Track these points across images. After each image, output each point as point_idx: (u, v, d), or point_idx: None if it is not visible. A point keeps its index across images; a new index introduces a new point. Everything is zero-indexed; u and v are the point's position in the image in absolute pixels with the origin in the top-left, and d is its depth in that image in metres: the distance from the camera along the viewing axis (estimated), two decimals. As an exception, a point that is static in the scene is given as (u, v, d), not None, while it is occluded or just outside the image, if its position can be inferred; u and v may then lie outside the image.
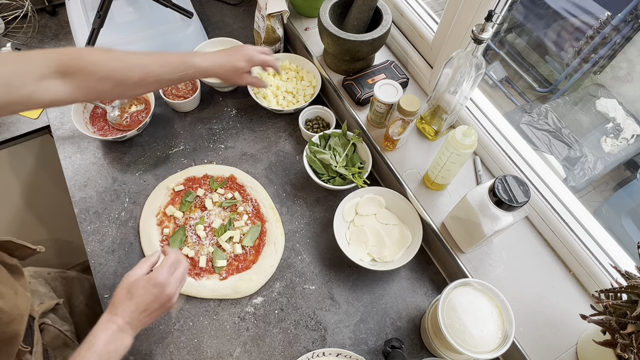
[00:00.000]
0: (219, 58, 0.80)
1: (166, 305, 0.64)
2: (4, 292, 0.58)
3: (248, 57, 0.83)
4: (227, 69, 0.81)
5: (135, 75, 0.68)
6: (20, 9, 1.15)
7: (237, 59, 0.82)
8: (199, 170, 0.99)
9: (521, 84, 2.04)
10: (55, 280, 0.92)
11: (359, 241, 0.88)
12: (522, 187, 0.65)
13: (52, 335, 0.78)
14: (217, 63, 0.79)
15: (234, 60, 0.81)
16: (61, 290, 0.91)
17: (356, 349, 0.81)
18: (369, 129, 0.95)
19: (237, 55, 0.82)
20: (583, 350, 0.70)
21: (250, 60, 0.83)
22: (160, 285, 0.62)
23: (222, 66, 0.80)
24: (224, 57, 0.81)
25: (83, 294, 0.95)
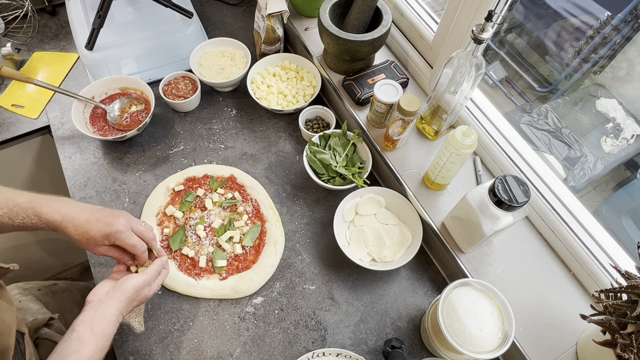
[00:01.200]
0: (78, 216, 0.65)
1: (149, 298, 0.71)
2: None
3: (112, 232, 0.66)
4: (80, 233, 0.66)
5: None
6: (20, 9, 1.15)
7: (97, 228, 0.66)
8: (199, 170, 0.99)
9: (521, 84, 2.04)
10: (46, 295, 0.91)
11: (359, 241, 0.88)
12: (522, 187, 0.65)
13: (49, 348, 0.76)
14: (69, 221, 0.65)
15: (91, 228, 0.66)
16: (53, 305, 0.90)
17: (356, 349, 0.81)
18: (369, 129, 0.95)
19: (102, 224, 0.66)
20: (583, 350, 0.70)
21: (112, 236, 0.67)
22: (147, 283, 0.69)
23: (75, 227, 0.65)
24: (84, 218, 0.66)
25: (76, 306, 0.94)
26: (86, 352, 0.58)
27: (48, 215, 0.64)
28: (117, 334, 0.79)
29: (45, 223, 0.65)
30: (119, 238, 0.67)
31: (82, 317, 0.62)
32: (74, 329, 0.60)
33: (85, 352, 0.58)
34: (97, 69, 1.07)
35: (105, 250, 0.69)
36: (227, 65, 1.11)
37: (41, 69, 1.12)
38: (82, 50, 1.03)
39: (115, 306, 0.64)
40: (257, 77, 1.08)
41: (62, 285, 0.97)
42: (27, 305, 0.83)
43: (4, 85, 1.10)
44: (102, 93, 1.04)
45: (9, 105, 1.06)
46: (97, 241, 0.67)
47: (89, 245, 0.68)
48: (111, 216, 0.68)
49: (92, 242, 0.67)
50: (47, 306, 0.87)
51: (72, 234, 0.66)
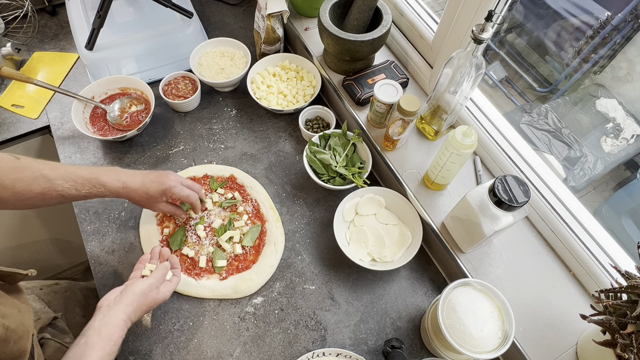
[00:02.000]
0: (134, 181, 0.75)
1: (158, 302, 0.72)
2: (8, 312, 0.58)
3: (167, 187, 0.77)
4: (140, 195, 0.75)
5: (36, 189, 0.66)
6: (20, 9, 1.15)
7: (154, 187, 0.76)
8: (199, 170, 0.99)
9: (521, 84, 2.04)
10: (48, 295, 0.91)
11: (359, 241, 0.88)
12: (522, 187, 0.65)
13: (54, 348, 0.77)
14: (129, 186, 0.74)
15: (149, 188, 0.76)
16: (56, 304, 0.90)
17: (356, 349, 0.81)
18: (369, 129, 0.95)
19: (156, 183, 0.76)
20: (583, 350, 0.70)
21: (167, 192, 0.78)
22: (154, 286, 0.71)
23: (135, 191, 0.75)
24: (139, 181, 0.75)
25: (78, 306, 0.95)
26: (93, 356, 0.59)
27: (111, 184, 0.72)
28: (117, 334, 0.80)
29: (110, 190, 0.73)
30: (174, 192, 0.78)
31: (91, 322, 0.63)
32: (83, 334, 0.61)
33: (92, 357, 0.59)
34: (97, 69, 1.07)
35: (164, 206, 0.80)
36: (227, 65, 1.11)
37: (41, 69, 1.12)
38: (82, 50, 1.03)
39: (122, 310, 0.65)
40: (257, 77, 1.08)
41: (64, 284, 0.98)
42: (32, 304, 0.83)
43: (4, 85, 1.10)
44: (102, 93, 1.05)
45: (9, 105, 1.06)
46: (157, 199, 0.77)
47: (150, 203, 0.78)
48: (161, 176, 0.78)
49: (152, 200, 0.77)
50: (50, 305, 0.87)
51: (133, 197, 0.76)
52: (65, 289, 0.96)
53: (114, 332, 0.62)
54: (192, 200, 0.82)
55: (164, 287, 0.72)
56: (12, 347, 0.57)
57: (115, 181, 0.73)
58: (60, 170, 0.68)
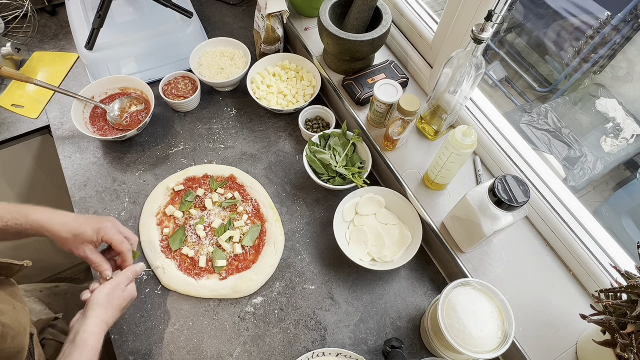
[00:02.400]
0: (65, 216, 0.68)
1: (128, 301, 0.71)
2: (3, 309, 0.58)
3: (103, 226, 0.70)
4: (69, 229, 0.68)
5: None
6: (20, 9, 1.15)
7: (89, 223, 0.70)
8: (199, 170, 0.99)
9: (521, 84, 2.04)
10: (49, 297, 0.91)
11: (359, 241, 0.88)
12: (522, 187, 0.65)
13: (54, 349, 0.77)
14: (58, 221, 0.67)
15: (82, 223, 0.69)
16: (57, 306, 0.90)
17: (356, 349, 0.81)
18: (369, 129, 0.95)
19: (92, 220, 0.71)
20: (583, 350, 0.70)
21: (102, 231, 0.70)
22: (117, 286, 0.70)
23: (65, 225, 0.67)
24: (72, 217, 0.69)
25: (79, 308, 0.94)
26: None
27: (35, 215, 0.66)
28: (117, 334, 0.80)
29: (31, 223, 0.66)
30: (108, 233, 0.70)
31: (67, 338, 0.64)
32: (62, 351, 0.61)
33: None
34: (97, 69, 1.07)
35: (90, 251, 0.70)
36: (227, 65, 1.11)
37: (41, 69, 1.12)
38: (82, 50, 1.03)
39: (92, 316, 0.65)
40: (257, 77, 1.08)
41: (64, 287, 0.97)
42: (31, 306, 0.83)
43: (4, 85, 1.10)
44: (102, 93, 1.05)
45: (9, 105, 1.06)
46: (86, 237, 0.69)
47: (75, 243, 0.69)
48: (100, 217, 0.73)
49: (80, 240, 0.69)
50: (50, 307, 0.87)
51: (59, 232, 0.67)
52: (65, 291, 0.96)
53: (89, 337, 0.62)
54: (122, 248, 0.73)
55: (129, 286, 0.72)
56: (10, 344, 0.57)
57: (41, 213, 0.67)
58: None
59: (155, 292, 0.85)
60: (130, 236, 0.76)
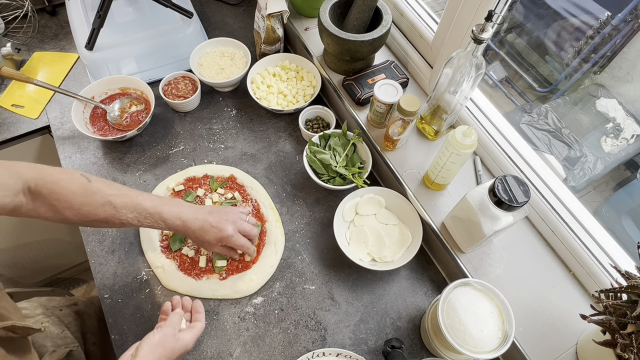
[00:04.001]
0: (194, 223, 0.74)
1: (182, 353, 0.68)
2: None
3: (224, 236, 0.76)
4: (197, 237, 0.75)
5: (101, 215, 0.67)
6: (20, 9, 1.15)
7: (212, 234, 0.75)
8: (199, 170, 0.99)
9: (521, 84, 2.04)
10: (68, 316, 0.89)
11: (359, 241, 0.88)
12: (522, 187, 0.65)
13: None
14: (189, 227, 0.74)
15: (207, 233, 0.75)
16: (75, 327, 0.88)
17: (356, 349, 0.81)
18: (369, 129, 0.95)
19: (215, 229, 0.75)
20: (583, 350, 0.70)
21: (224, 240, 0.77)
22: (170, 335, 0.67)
23: (194, 232, 0.74)
24: (199, 225, 0.74)
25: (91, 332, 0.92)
26: None
27: (172, 222, 0.73)
28: (117, 334, 0.80)
29: (170, 227, 0.73)
30: (229, 241, 0.77)
31: None
32: None
33: None
34: (97, 69, 1.07)
35: (219, 249, 0.79)
36: (227, 65, 1.11)
37: (41, 69, 1.12)
38: (82, 50, 1.03)
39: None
40: (257, 77, 1.08)
41: (82, 306, 0.95)
42: (50, 329, 0.81)
43: (4, 85, 1.10)
44: (102, 93, 1.05)
45: (9, 105, 1.06)
46: (212, 245, 0.77)
47: (205, 246, 0.78)
48: (221, 221, 0.76)
49: (207, 245, 0.77)
50: (69, 328, 0.85)
51: (191, 237, 0.76)
52: (82, 311, 0.94)
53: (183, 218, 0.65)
54: (244, 250, 0.82)
55: (183, 335, 0.68)
56: None
57: (176, 219, 0.73)
58: (127, 199, 0.69)
59: (155, 292, 0.85)
60: (249, 231, 0.80)
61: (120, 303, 0.83)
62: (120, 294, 0.84)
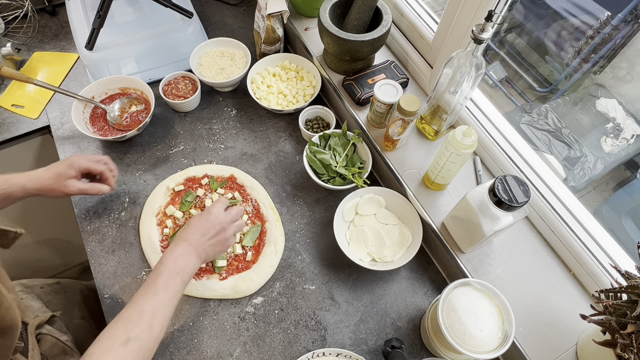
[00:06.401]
0: (38, 170, 0.75)
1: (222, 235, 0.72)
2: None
3: (73, 160, 0.77)
4: (47, 178, 0.75)
5: None
6: (20, 9, 1.15)
7: (60, 164, 0.77)
8: (199, 170, 0.99)
9: (521, 84, 2.04)
10: (48, 294, 0.91)
11: (359, 241, 0.88)
12: (522, 187, 0.65)
13: (50, 343, 0.77)
14: (33, 175, 0.74)
15: (56, 167, 0.76)
16: (55, 304, 0.90)
17: (356, 349, 0.81)
18: (369, 129, 0.95)
19: (61, 161, 0.78)
20: (583, 350, 0.70)
21: (74, 163, 0.77)
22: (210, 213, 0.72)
23: (41, 175, 0.74)
24: (42, 168, 0.76)
25: (77, 307, 0.94)
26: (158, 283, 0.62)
27: (22, 181, 0.72)
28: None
29: (22, 188, 0.72)
30: (79, 162, 0.77)
31: None
32: None
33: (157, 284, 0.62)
34: (97, 69, 1.07)
35: (76, 183, 0.77)
36: (227, 65, 1.11)
37: (41, 69, 1.12)
38: (82, 50, 1.03)
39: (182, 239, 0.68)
40: (257, 77, 1.08)
41: (65, 283, 0.97)
42: (28, 303, 0.83)
43: (4, 85, 1.10)
44: (102, 93, 1.05)
45: (9, 105, 1.06)
46: (64, 174, 0.75)
47: (61, 184, 0.75)
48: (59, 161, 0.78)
49: (62, 177, 0.75)
50: (48, 305, 0.87)
51: (43, 183, 0.74)
52: (65, 289, 0.96)
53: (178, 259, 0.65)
54: (99, 168, 0.80)
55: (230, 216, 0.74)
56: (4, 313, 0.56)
57: (18, 176, 0.73)
58: None
59: (155, 292, 0.85)
60: (98, 158, 0.81)
61: (121, 303, 0.83)
62: (120, 294, 0.84)
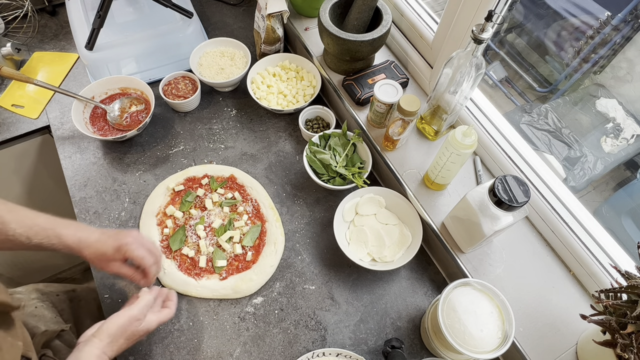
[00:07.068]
0: (89, 237, 0.69)
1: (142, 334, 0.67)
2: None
3: (122, 244, 0.70)
4: (93, 252, 0.69)
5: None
6: (20, 9, 1.15)
7: (109, 243, 0.70)
8: (199, 170, 0.99)
9: (521, 84, 2.04)
10: (63, 302, 0.89)
11: (359, 241, 0.88)
12: (522, 187, 0.65)
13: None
14: (83, 242, 0.69)
15: (104, 244, 0.70)
16: (68, 314, 0.88)
17: (356, 349, 0.81)
18: (369, 129, 0.95)
19: (112, 239, 0.70)
20: (583, 350, 0.70)
21: (122, 248, 0.70)
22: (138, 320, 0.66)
23: (89, 246, 0.69)
24: (95, 237, 0.70)
25: (90, 317, 0.92)
26: None
27: (67, 238, 0.68)
28: (117, 334, 0.79)
29: (64, 244, 0.68)
30: (128, 249, 0.70)
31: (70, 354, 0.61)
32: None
33: None
34: (97, 69, 1.07)
35: (118, 267, 0.72)
36: (227, 65, 1.11)
37: (41, 69, 1.12)
38: (82, 50, 1.03)
39: (96, 346, 0.62)
40: (257, 77, 1.08)
41: (80, 291, 0.95)
42: (42, 312, 0.82)
43: (4, 85, 1.10)
44: (102, 93, 1.05)
45: (9, 105, 1.06)
46: (109, 256, 0.70)
47: (102, 263, 0.71)
48: (121, 232, 0.71)
49: (104, 259, 0.70)
50: (62, 314, 0.86)
51: (86, 255, 0.70)
52: (80, 297, 0.94)
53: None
54: (144, 263, 0.72)
55: (148, 317, 0.67)
56: None
57: (71, 235, 0.68)
58: (18, 214, 0.65)
59: (155, 292, 0.85)
60: (152, 248, 0.74)
61: (121, 303, 0.83)
62: (120, 294, 0.84)
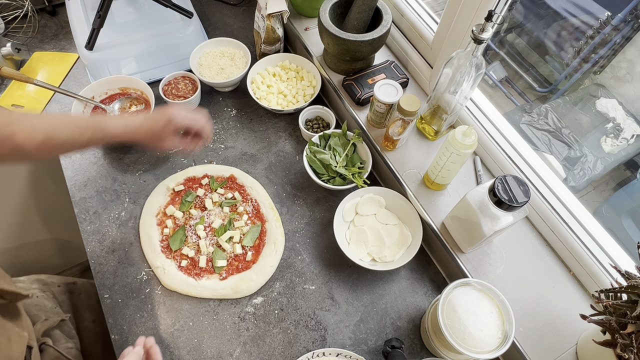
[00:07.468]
0: (134, 121, 0.72)
1: None
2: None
3: (171, 116, 0.73)
4: (145, 131, 0.72)
5: (38, 136, 0.62)
6: (20, 9, 1.15)
7: (155, 121, 0.73)
8: (199, 170, 0.99)
9: (521, 84, 2.04)
10: (64, 294, 0.90)
11: (359, 241, 0.88)
12: (522, 187, 0.65)
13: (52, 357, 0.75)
14: (130, 127, 0.71)
15: (152, 123, 0.73)
16: (68, 305, 0.89)
17: (356, 349, 0.81)
18: (369, 129, 0.95)
19: (158, 114, 0.73)
20: (583, 350, 0.70)
21: (172, 121, 0.73)
22: None
23: (136, 130, 0.71)
24: (140, 119, 0.73)
25: (90, 310, 0.93)
26: None
27: (112, 128, 0.70)
28: (117, 334, 0.80)
29: (112, 134, 0.70)
30: (176, 120, 0.74)
31: None
32: None
33: None
34: (97, 69, 1.07)
35: (170, 140, 0.76)
36: (227, 65, 1.11)
37: (41, 69, 1.12)
38: (82, 50, 1.03)
39: None
40: (257, 77, 1.08)
41: (81, 284, 0.96)
42: (42, 302, 0.82)
43: (4, 85, 1.10)
44: (102, 93, 1.05)
45: (9, 105, 1.06)
46: (160, 132, 0.73)
47: (156, 141, 0.75)
48: (163, 108, 0.75)
49: (157, 136, 0.74)
50: (62, 305, 0.86)
51: (138, 136, 0.72)
52: (80, 290, 0.95)
53: None
54: (196, 126, 0.77)
55: None
56: None
57: (116, 123, 0.70)
58: (59, 119, 0.66)
59: (155, 292, 0.85)
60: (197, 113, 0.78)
61: (120, 303, 0.83)
62: (120, 294, 0.84)
